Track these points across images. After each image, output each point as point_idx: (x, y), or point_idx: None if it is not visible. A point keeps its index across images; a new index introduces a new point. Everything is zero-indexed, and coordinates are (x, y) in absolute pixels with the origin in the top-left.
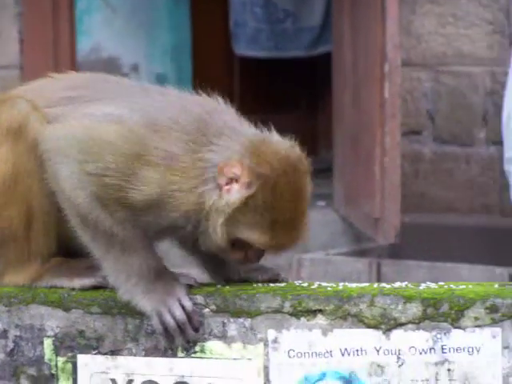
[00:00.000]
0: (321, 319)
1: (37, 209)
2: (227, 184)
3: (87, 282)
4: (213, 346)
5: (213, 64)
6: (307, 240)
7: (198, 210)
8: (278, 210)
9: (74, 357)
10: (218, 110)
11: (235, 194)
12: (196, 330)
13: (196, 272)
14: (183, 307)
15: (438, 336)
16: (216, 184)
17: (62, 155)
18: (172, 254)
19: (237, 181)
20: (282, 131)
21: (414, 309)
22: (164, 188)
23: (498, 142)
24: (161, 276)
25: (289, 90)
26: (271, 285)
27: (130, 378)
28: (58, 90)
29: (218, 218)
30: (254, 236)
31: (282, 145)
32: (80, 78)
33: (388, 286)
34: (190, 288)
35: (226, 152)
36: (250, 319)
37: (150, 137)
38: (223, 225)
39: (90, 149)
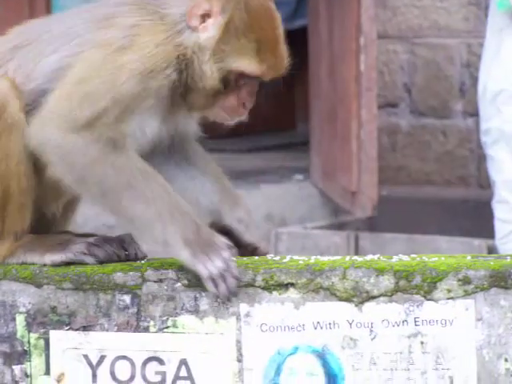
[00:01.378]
0: (293, 293)
1: (13, 189)
2: (201, 24)
3: (58, 257)
4: (185, 320)
5: None
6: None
7: (179, 61)
8: (257, 29)
9: (47, 333)
10: None
11: (212, 27)
12: (237, 278)
13: None
14: (223, 259)
15: (411, 308)
16: (190, 30)
17: (45, 145)
18: None
19: (209, 16)
20: (259, 105)
21: (387, 281)
22: (142, 57)
23: (475, 114)
24: (199, 229)
25: None
26: (244, 258)
27: (103, 353)
28: (3, 43)
29: (204, 56)
30: (243, 62)
31: None
32: (19, 27)
33: (360, 259)
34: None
35: (185, 2)
36: None
37: (103, 35)
38: (211, 61)
39: (69, 104)
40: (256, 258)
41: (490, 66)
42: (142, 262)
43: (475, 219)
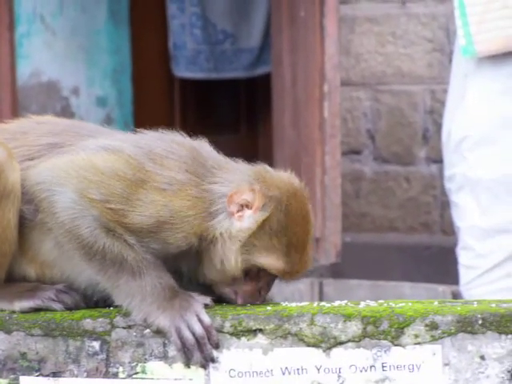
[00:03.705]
0: (261, 338)
1: None
2: (238, 211)
3: (26, 304)
4: (154, 366)
5: (153, 87)
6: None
7: (205, 237)
8: (291, 232)
9: (17, 379)
10: (202, 144)
11: (249, 219)
12: (216, 345)
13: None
14: (201, 323)
15: (379, 354)
16: (226, 213)
17: (58, 185)
18: None
19: (248, 207)
20: (223, 153)
21: (354, 327)
22: (172, 212)
23: (439, 161)
24: (176, 294)
25: (229, 112)
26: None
27: None
28: (42, 135)
29: (232, 245)
30: (270, 261)
31: (281, 173)
32: (62, 124)
33: (328, 305)
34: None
35: (232, 183)
36: None
37: (149, 164)
38: (238, 252)
39: (92, 176)
40: (224, 304)
41: (454, 112)
42: (111, 308)
43: (439, 265)
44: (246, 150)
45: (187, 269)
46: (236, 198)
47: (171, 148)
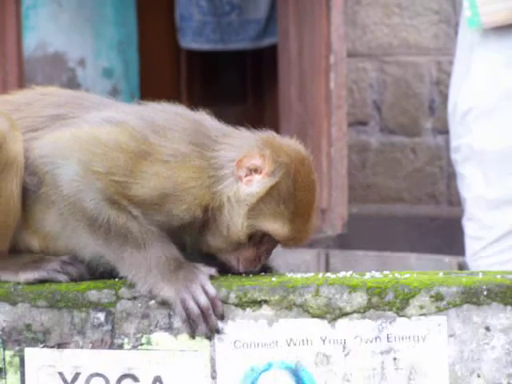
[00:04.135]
0: (266, 310)
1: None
2: (246, 176)
3: (31, 276)
4: (159, 337)
5: (159, 58)
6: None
7: (211, 205)
8: (298, 199)
9: (22, 350)
10: (204, 116)
11: (257, 184)
12: (221, 316)
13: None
14: (206, 294)
15: (384, 325)
16: (234, 178)
17: (62, 157)
18: None
19: (257, 171)
20: (229, 124)
21: (359, 298)
22: (176, 184)
23: (445, 132)
24: (181, 265)
25: (236, 84)
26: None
27: (77, 370)
28: (45, 106)
29: (240, 210)
30: (276, 227)
31: (288, 140)
32: (66, 95)
33: (333, 276)
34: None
35: (240, 148)
36: None
37: (153, 136)
38: (245, 216)
39: (96, 148)
40: (229, 275)
41: (460, 83)
42: (116, 279)
43: (445, 236)
44: (252, 122)
45: (190, 240)
46: (245, 162)
47: (174, 120)
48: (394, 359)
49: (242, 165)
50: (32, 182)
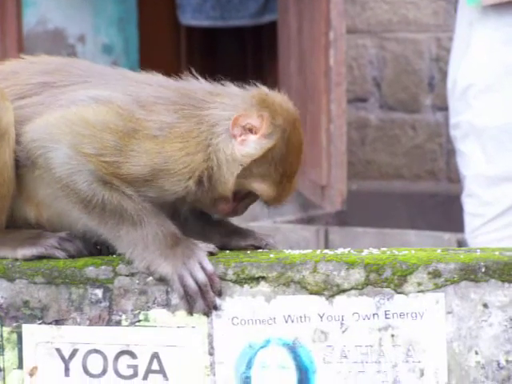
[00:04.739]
0: (264, 286)
1: None
2: (241, 135)
3: (29, 252)
4: (157, 314)
5: (159, 35)
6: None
7: (205, 170)
8: (288, 162)
9: (19, 327)
10: (188, 79)
11: (253, 145)
12: (219, 293)
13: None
14: (204, 270)
15: (381, 302)
16: (227, 135)
17: (53, 141)
18: None
19: (252, 131)
20: None
21: (357, 275)
22: (166, 157)
23: (445, 108)
24: (179, 242)
25: (236, 60)
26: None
27: (75, 347)
28: (34, 74)
29: (233, 169)
30: (263, 187)
31: (279, 97)
32: (55, 62)
33: (331, 253)
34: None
35: (235, 107)
36: None
37: (139, 112)
38: (236, 175)
39: (85, 130)
40: (227, 251)
41: (459, 60)
42: (114, 256)
43: (445, 213)
44: None
45: (183, 212)
46: (242, 121)
47: (158, 92)
48: (392, 336)
49: (238, 123)
50: (22, 154)
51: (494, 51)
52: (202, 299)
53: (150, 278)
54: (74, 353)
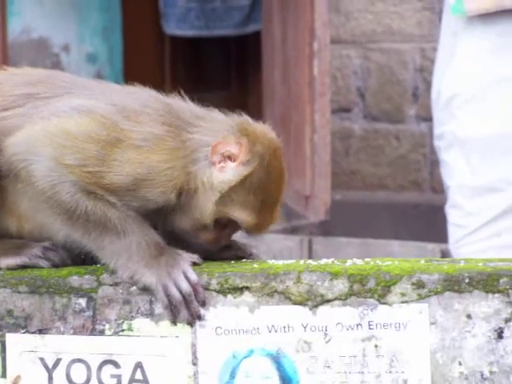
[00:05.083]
0: (248, 296)
1: None
2: (220, 162)
3: (13, 261)
4: (140, 323)
5: (144, 44)
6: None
7: (185, 188)
8: (268, 190)
9: (3, 336)
10: (175, 99)
11: (231, 172)
12: (203, 303)
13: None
14: (188, 280)
15: (365, 312)
16: (207, 162)
17: (34, 154)
18: None
19: (231, 159)
20: (214, 110)
21: (341, 285)
22: (150, 168)
23: (429, 119)
24: (163, 251)
25: (220, 70)
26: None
27: (59, 356)
28: (17, 85)
29: (212, 196)
30: (243, 215)
31: (262, 127)
32: (38, 74)
33: (314, 263)
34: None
35: (216, 133)
36: None
37: (124, 122)
38: (215, 202)
39: (66, 142)
40: (211, 262)
41: (443, 70)
42: (98, 265)
43: (428, 223)
44: (236, 108)
45: (160, 223)
46: (221, 148)
47: (146, 103)
48: (376, 346)
49: (216, 150)
50: (5, 167)
51: (480, 61)
52: (186, 309)
53: (134, 287)
54: (57, 362)
